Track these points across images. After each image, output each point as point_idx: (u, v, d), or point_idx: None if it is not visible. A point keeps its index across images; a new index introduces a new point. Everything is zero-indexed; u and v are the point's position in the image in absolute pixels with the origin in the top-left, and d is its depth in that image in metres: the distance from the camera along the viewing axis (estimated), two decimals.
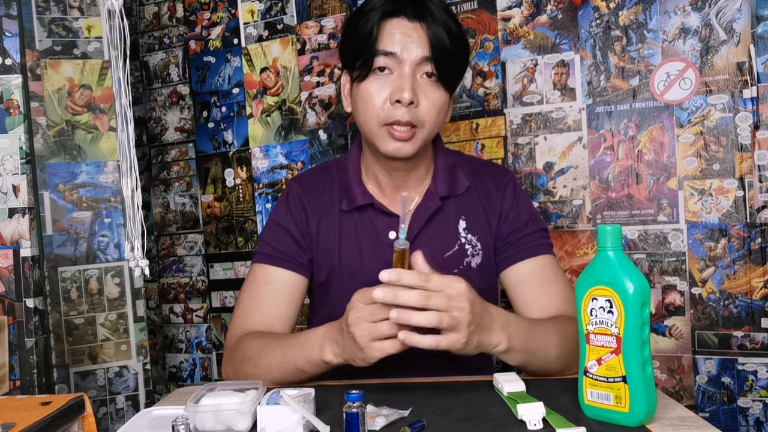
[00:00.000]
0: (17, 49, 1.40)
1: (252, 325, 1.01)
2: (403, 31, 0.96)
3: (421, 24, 0.96)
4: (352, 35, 1.00)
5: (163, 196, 1.96)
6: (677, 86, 1.36)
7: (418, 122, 0.96)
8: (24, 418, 0.70)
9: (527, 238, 1.04)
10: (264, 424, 0.70)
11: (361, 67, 0.97)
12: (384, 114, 0.95)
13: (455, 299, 0.75)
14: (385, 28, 0.96)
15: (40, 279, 1.43)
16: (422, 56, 0.95)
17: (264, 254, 1.06)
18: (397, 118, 0.94)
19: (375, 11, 0.97)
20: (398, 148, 0.96)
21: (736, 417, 1.33)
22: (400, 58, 0.95)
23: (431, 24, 0.96)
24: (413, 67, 0.95)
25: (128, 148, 1.26)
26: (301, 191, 1.09)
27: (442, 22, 0.96)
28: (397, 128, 0.95)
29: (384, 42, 0.96)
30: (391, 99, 0.95)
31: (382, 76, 0.96)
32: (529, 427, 0.69)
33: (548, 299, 1.00)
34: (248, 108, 1.79)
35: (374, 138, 0.98)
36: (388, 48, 0.95)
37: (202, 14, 1.85)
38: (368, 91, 0.97)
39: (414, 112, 0.95)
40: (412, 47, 0.95)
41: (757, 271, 1.31)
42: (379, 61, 0.96)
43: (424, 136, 0.98)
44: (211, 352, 1.90)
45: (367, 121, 0.98)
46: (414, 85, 0.95)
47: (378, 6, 0.98)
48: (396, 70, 0.96)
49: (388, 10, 0.97)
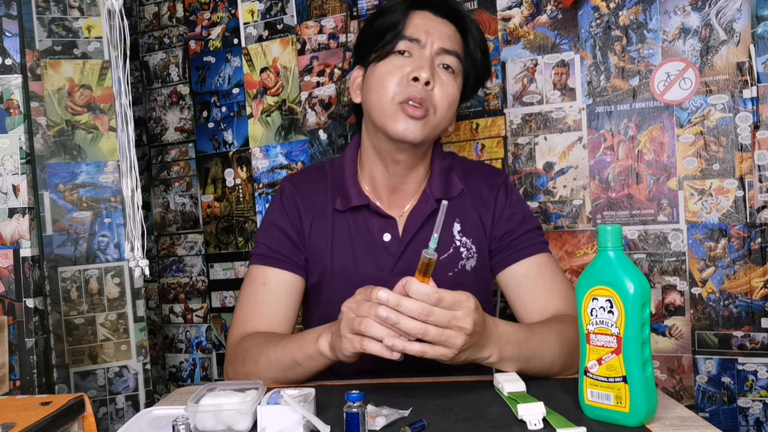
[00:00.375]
0: (17, 49, 1.40)
1: (252, 328, 1.01)
2: (428, 23, 1.00)
3: (446, 20, 1.01)
4: (373, 27, 1.03)
5: (163, 196, 1.96)
6: (677, 86, 1.36)
7: (431, 105, 0.97)
8: (24, 418, 0.70)
9: (521, 238, 1.04)
10: (264, 424, 0.70)
11: (381, 49, 1.00)
12: (400, 90, 0.97)
13: (458, 319, 0.73)
14: (411, 18, 1.00)
15: (40, 279, 1.43)
16: (442, 47, 0.99)
17: (261, 255, 1.05)
18: (413, 94, 0.95)
19: (401, 3, 1.02)
20: (408, 128, 0.96)
21: (736, 417, 1.33)
22: (423, 44, 0.98)
23: (458, 23, 1.01)
24: (433, 54, 0.98)
25: (128, 148, 1.26)
26: (294, 191, 1.09)
27: (467, 26, 1.02)
28: (411, 106, 0.96)
29: (408, 29, 0.99)
30: (409, 76, 0.96)
31: (401, 58, 0.99)
32: (529, 427, 0.69)
33: (546, 299, 1.00)
34: (248, 108, 1.79)
35: (386, 118, 0.98)
36: (413, 35, 0.99)
37: (202, 14, 1.85)
38: (386, 69, 0.99)
39: (429, 93, 0.97)
40: (435, 38, 0.99)
41: (757, 271, 1.31)
42: (401, 45, 0.99)
43: (434, 124, 0.99)
44: (211, 352, 1.90)
45: (381, 98, 0.98)
46: (432, 67, 0.98)
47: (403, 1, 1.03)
48: (416, 53, 0.99)
49: (415, 1, 1.02)
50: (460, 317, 0.74)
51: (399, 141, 0.98)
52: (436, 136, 1.03)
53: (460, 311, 0.74)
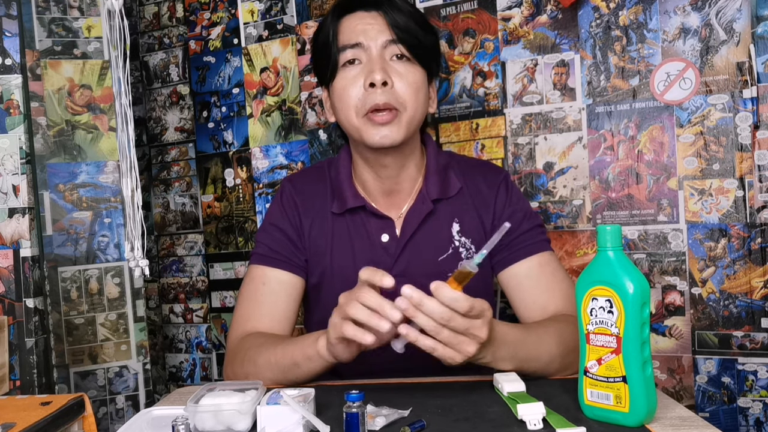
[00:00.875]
0: (17, 49, 1.40)
1: (252, 327, 1.01)
2: (361, 22, 0.98)
3: (377, 12, 0.98)
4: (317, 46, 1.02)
5: (163, 196, 1.96)
6: (677, 86, 1.36)
7: (398, 104, 0.95)
8: (24, 418, 0.70)
9: (522, 237, 1.03)
10: (264, 424, 0.70)
11: (330, 67, 0.99)
12: (361, 102, 0.95)
13: (476, 328, 0.73)
14: (343, 25, 0.98)
15: (40, 279, 1.43)
16: (386, 40, 0.96)
17: (260, 255, 1.05)
18: (375, 102, 0.94)
19: (331, 15, 1.00)
20: (384, 135, 0.95)
21: (736, 417, 1.33)
22: (365, 46, 0.96)
23: (388, 10, 0.97)
24: (380, 50, 0.96)
25: (128, 148, 1.26)
26: (294, 192, 1.09)
27: (397, 7, 0.98)
28: (377, 114, 0.95)
29: (346, 37, 0.97)
30: (364, 84, 0.95)
31: (352, 68, 0.97)
32: (529, 427, 0.69)
33: (546, 299, 1.00)
34: (248, 108, 1.79)
35: (358, 132, 0.98)
36: (352, 40, 0.97)
37: (202, 14, 1.85)
38: (341, 85, 0.98)
39: (391, 93, 0.95)
40: (374, 33, 0.96)
41: (757, 271, 1.31)
42: (346, 55, 0.97)
43: (408, 119, 0.97)
44: (211, 352, 1.90)
45: (347, 115, 0.98)
46: (384, 66, 0.95)
47: (332, 10, 1.01)
48: (364, 58, 0.97)
49: (343, 8, 0.99)
50: (478, 326, 0.73)
51: (379, 149, 0.98)
52: (416, 128, 1.01)
53: (479, 320, 0.74)
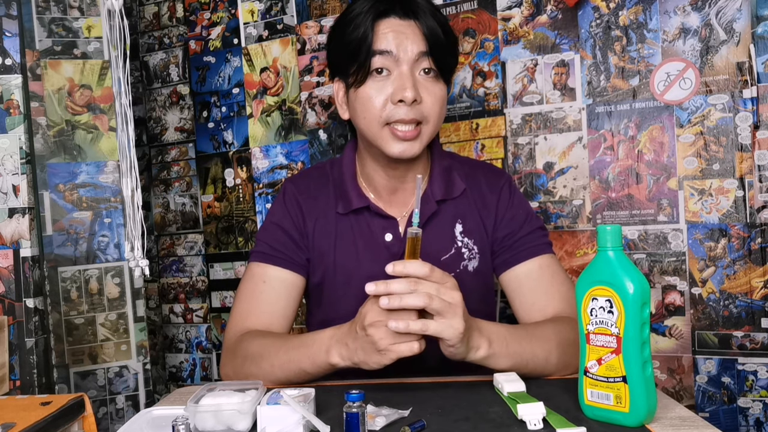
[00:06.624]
0: (17, 49, 1.40)
1: (250, 324, 1.01)
2: (396, 29, 0.95)
3: (413, 21, 0.96)
4: (342, 41, 0.99)
5: (163, 196, 1.96)
6: (677, 86, 1.36)
7: (423, 118, 0.95)
8: (24, 418, 0.70)
9: (524, 239, 1.03)
10: (264, 424, 0.70)
11: (357, 71, 0.96)
12: (386, 114, 0.95)
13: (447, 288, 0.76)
14: (378, 29, 0.96)
15: (40, 279, 1.43)
16: (419, 52, 0.95)
17: (261, 253, 1.05)
18: (401, 117, 0.94)
19: (364, 14, 0.97)
20: (405, 149, 0.95)
21: (736, 417, 1.33)
22: (397, 57, 0.95)
23: (423, 19, 0.96)
24: (411, 65, 0.95)
25: (128, 148, 1.27)
26: (297, 192, 1.09)
27: (432, 16, 0.97)
28: (401, 127, 0.94)
29: (379, 42, 0.95)
30: (393, 99, 0.94)
31: (380, 78, 0.96)
32: (529, 427, 0.69)
33: (546, 301, 1.00)
34: (248, 108, 1.79)
35: (377, 140, 0.97)
36: (384, 47, 0.95)
37: (202, 14, 1.85)
38: (367, 94, 0.96)
39: (418, 109, 0.95)
40: (408, 44, 0.95)
41: (757, 271, 1.31)
42: (376, 62, 0.95)
43: (429, 133, 0.98)
44: (211, 352, 1.90)
45: (369, 124, 0.97)
46: (415, 83, 0.95)
47: (366, 9, 0.97)
48: (394, 70, 0.95)
49: (378, 11, 0.96)
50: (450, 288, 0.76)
51: (395, 161, 0.99)
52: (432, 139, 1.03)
53: (448, 283, 0.76)
